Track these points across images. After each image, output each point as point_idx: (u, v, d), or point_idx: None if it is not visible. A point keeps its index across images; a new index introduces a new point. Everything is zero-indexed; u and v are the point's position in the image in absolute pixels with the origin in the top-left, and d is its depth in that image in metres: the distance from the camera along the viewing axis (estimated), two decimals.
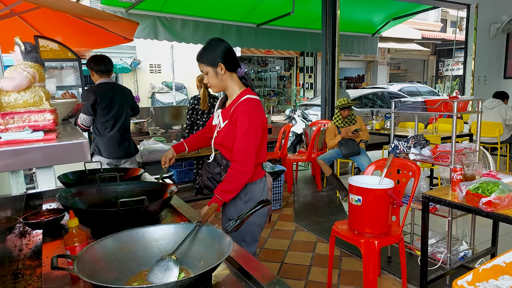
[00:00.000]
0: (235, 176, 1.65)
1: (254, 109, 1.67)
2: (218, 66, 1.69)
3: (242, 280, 1.14)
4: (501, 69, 7.20)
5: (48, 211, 1.73)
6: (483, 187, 1.81)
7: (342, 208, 4.20)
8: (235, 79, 1.76)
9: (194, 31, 6.49)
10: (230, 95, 1.78)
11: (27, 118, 0.72)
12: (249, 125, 1.64)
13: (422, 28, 17.26)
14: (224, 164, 1.76)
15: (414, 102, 2.60)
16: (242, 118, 1.64)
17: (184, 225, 1.29)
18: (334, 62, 5.35)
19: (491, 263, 1.02)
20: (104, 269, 1.09)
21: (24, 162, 0.66)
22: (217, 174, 1.77)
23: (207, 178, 1.80)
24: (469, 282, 0.93)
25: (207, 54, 1.69)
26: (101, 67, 3.03)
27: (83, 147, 0.70)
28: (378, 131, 5.14)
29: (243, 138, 1.64)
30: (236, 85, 1.76)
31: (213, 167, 1.80)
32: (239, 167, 1.64)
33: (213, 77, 1.71)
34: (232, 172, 1.65)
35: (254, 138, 1.66)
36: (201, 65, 1.71)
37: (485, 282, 0.92)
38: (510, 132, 5.30)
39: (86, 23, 3.37)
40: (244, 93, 1.72)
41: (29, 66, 0.75)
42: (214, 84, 1.74)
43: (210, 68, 1.70)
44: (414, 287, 2.48)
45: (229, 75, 1.73)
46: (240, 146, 1.64)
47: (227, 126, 1.72)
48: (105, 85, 3.07)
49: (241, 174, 1.65)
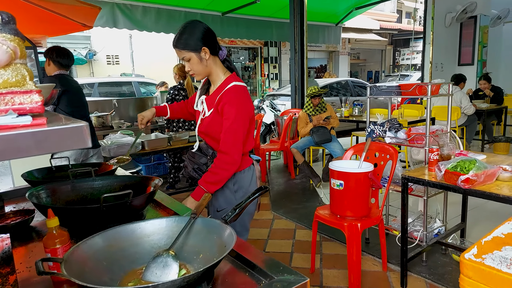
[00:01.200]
0: (221, 167, 1.57)
1: (241, 97, 1.58)
2: (202, 50, 1.55)
3: (246, 271, 1.09)
4: (456, 56, 7.58)
5: (13, 213, 1.58)
6: (461, 165, 1.87)
7: (317, 194, 4.24)
8: (219, 63, 1.65)
9: (156, 19, 6.24)
10: (214, 80, 1.67)
11: (10, 100, 0.61)
12: (236, 115, 1.55)
13: (380, 19, 17.81)
14: (211, 154, 1.66)
15: (389, 87, 2.64)
16: (229, 107, 1.55)
17: (177, 218, 1.21)
18: (303, 51, 5.36)
19: (491, 235, 1.04)
20: (93, 270, 0.99)
21: (13, 151, 0.56)
22: (203, 164, 1.67)
23: (192, 169, 1.69)
24: (475, 255, 0.94)
25: (186, 39, 1.54)
26: (63, 60, 2.84)
27: (83, 131, 0.61)
28: (347, 118, 5.23)
29: (230, 128, 1.55)
30: (220, 70, 1.65)
31: (198, 158, 1.69)
32: (226, 158, 1.56)
33: (197, 63, 1.58)
34: (219, 163, 1.57)
35: (241, 128, 1.57)
36: (182, 51, 1.56)
37: (491, 254, 0.94)
38: (466, 116, 5.60)
39: (39, 8, 3.11)
40: (230, 79, 1.61)
41: (8, 39, 0.64)
42: (198, 71, 1.60)
43: (192, 54, 1.56)
44: (394, 266, 2.55)
45: (213, 59, 1.61)
46: (227, 137, 1.55)
47: (212, 114, 1.62)
48: (67, 77, 2.91)
49: (228, 165, 1.57)
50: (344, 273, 2.50)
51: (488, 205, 3.49)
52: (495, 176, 1.87)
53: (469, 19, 7.27)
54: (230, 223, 1.16)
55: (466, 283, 0.92)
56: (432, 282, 2.34)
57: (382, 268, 2.54)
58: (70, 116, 2.44)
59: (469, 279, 0.91)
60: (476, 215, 3.22)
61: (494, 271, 0.86)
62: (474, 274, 0.90)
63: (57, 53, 2.80)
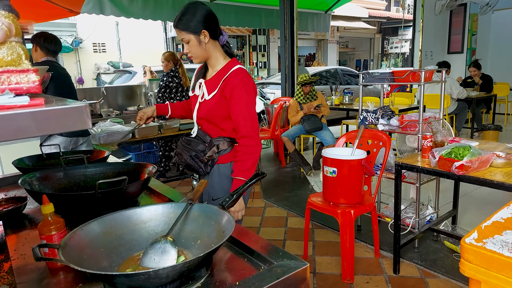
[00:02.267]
0: (249, 152, 1.54)
1: (248, 80, 1.57)
2: (202, 33, 1.53)
3: (244, 256, 1.08)
4: (445, 44, 7.63)
5: (5, 200, 1.54)
6: (455, 152, 1.89)
7: (308, 183, 4.26)
8: (218, 48, 1.62)
9: (144, 5, 6.08)
10: (213, 65, 1.64)
11: (6, 80, 0.58)
12: (249, 97, 1.54)
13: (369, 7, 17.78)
14: (209, 141, 1.62)
15: (382, 74, 2.64)
16: (240, 91, 1.53)
17: (173, 204, 1.19)
18: (293, 38, 5.31)
19: (491, 220, 1.05)
20: (91, 257, 0.97)
21: (12, 132, 0.53)
22: (201, 151, 1.63)
23: (189, 156, 1.64)
24: (476, 239, 0.94)
25: (187, 20, 1.51)
26: (51, 45, 2.76)
27: (84, 112, 0.58)
28: (337, 106, 5.24)
29: (246, 111, 1.53)
30: (220, 54, 1.62)
31: (195, 144, 1.64)
32: (251, 141, 1.54)
33: (196, 46, 1.55)
34: (246, 149, 1.55)
35: (254, 110, 1.57)
36: (182, 32, 1.53)
37: (491, 238, 0.94)
38: (456, 104, 5.66)
39: None
40: (233, 63, 1.59)
41: (2, 16, 0.60)
42: (197, 54, 1.57)
43: (192, 36, 1.53)
44: (386, 252, 2.58)
45: (213, 43, 1.59)
46: (245, 120, 1.54)
47: (216, 98, 1.58)
48: (55, 63, 2.83)
49: (255, 147, 1.55)
50: (337, 260, 2.53)
51: (477, 192, 3.56)
52: (489, 163, 1.89)
53: (459, 7, 7.31)
54: (227, 209, 1.15)
55: (467, 267, 0.93)
56: (425, 268, 2.39)
57: (375, 255, 2.58)
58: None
59: (470, 264, 0.92)
60: (466, 202, 3.28)
61: (495, 255, 0.86)
62: (475, 259, 0.90)
63: (44, 38, 2.71)
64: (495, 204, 3.33)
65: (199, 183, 1.27)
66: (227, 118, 1.60)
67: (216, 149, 1.63)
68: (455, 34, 7.50)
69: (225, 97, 1.56)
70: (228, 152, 1.65)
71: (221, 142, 1.64)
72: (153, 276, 0.82)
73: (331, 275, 2.37)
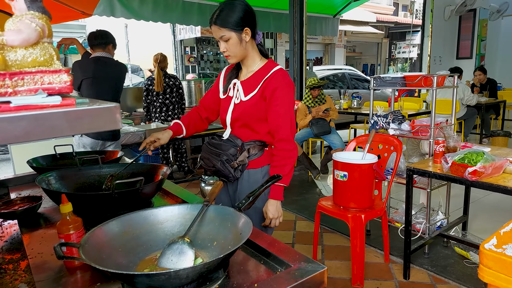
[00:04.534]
0: (287, 156, 1.47)
1: (290, 83, 1.50)
2: (244, 31, 1.44)
3: (260, 259, 1.09)
4: (454, 50, 7.59)
5: (20, 199, 1.56)
6: (468, 157, 1.88)
7: (316, 186, 4.25)
8: (255, 47, 1.54)
9: (154, 8, 6.15)
10: (249, 65, 1.55)
11: (39, 80, 0.59)
12: (290, 100, 1.47)
13: (377, 11, 17.75)
14: (240, 145, 1.53)
15: (393, 78, 2.64)
16: (282, 93, 1.46)
17: (189, 205, 1.20)
18: (302, 42, 5.32)
19: (509, 226, 1.04)
20: (110, 256, 0.98)
21: (47, 131, 0.54)
22: (232, 156, 1.53)
23: (220, 161, 1.52)
24: (496, 245, 0.94)
25: (228, 16, 1.41)
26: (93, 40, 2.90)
27: (115, 112, 0.59)
28: (346, 110, 5.23)
29: (285, 114, 1.46)
30: (256, 55, 1.54)
31: (226, 148, 1.53)
32: (289, 145, 1.47)
33: (236, 45, 1.45)
34: (283, 153, 1.47)
35: (293, 113, 1.51)
36: (222, 29, 1.42)
37: (511, 244, 0.94)
38: (465, 110, 5.62)
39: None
40: (272, 64, 1.53)
41: (37, 17, 0.62)
42: (235, 53, 1.47)
43: (233, 34, 1.43)
44: (396, 258, 2.57)
45: (251, 42, 1.50)
46: (285, 123, 1.46)
47: (255, 99, 1.49)
48: (94, 59, 2.87)
49: (292, 152, 1.49)
50: (347, 264, 2.52)
51: (488, 199, 3.53)
52: (503, 169, 1.88)
53: (468, 12, 7.27)
54: (243, 211, 1.15)
55: (486, 273, 0.92)
56: (435, 274, 2.37)
57: (384, 260, 2.56)
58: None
59: (489, 270, 0.91)
60: (476, 208, 3.26)
61: None
62: (495, 264, 0.90)
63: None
64: (506, 211, 3.31)
65: (215, 185, 1.27)
66: (263, 120, 1.53)
67: (247, 153, 1.55)
68: (464, 40, 7.46)
69: (264, 98, 1.49)
70: (258, 156, 1.57)
71: (252, 146, 1.56)
72: (173, 277, 0.82)
73: (341, 279, 2.36)
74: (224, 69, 1.69)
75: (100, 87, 2.82)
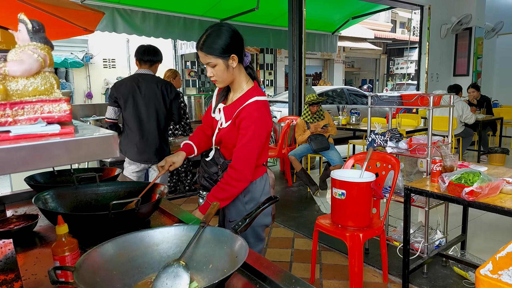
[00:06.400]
0: (230, 183, 1.49)
1: (261, 114, 1.48)
2: (231, 58, 1.44)
3: (256, 282, 1.08)
4: (451, 67, 7.69)
5: (16, 217, 1.55)
6: (465, 177, 1.89)
7: (314, 203, 4.24)
8: (243, 71, 1.54)
9: (156, 24, 6.25)
10: (235, 89, 1.57)
11: (39, 109, 0.60)
12: (254, 133, 1.45)
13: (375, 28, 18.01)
14: (221, 163, 1.61)
15: (390, 97, 2.66)
16: (247, 123, 1.46)
17: (185, 226, 1.20)
18: (301, 58, 5.39)
19: (505, 250, 1.04)
20: (104, 279, 0.97)
21: (45, 160, 0.55)
22: (213, 173, 1.62)
23: (203, 178, 1.65)
24: (491, 271, 0.94)
25: (214, 43, 1.40)
26: (143, 55, 2.96)
27: (112, 141, 0.60)
28: (344, 126, 5.26)
29: (244, 146, 1.46)
30: (243, 78, 1.55)
31: (209, 166, 1.64)
32: (236, 175, 1.48)
33: (223, 71, 1.45)
34: (228, 179, 1.49)
35: (257, 146, 1.48)
36: (208, 56, 1.42)
37: (507, 270, 0.94)
38: (463, 127, 5.65)
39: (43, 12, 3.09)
40: (252, 92, 1.52)
41: (39, 48, 0.63)
42: (222, 78, 1.48)
43: (220, 60, 1.43)
44: (394, 277, 2.54)
45: (238, 67, 1.50)
46: (240, 153, 1.47)
47: (229, 126, 1.54)
48: (136, 76, 2.92)
49: (238, 182, 1.49)
50: (345, 284, 2.49)
51: (486, 217, 3.52)
52: (499, 189, 1.88)
53: (464, 31, 7.39)
54: (240, 233, 1.15)
55: None
56: None
57: (383, 280, 2.54)
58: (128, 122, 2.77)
59: None
60: (475, 227, 3.24)
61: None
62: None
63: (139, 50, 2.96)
64: (505, 229, 3.30)
65: (212, 206, 1.28)
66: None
67: None
68: (461, 57, 7.57)
69: (236, 126, 1.52)
70: None
71: None
72: None
73: None
74: (217, 88, 1.71)
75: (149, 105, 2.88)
